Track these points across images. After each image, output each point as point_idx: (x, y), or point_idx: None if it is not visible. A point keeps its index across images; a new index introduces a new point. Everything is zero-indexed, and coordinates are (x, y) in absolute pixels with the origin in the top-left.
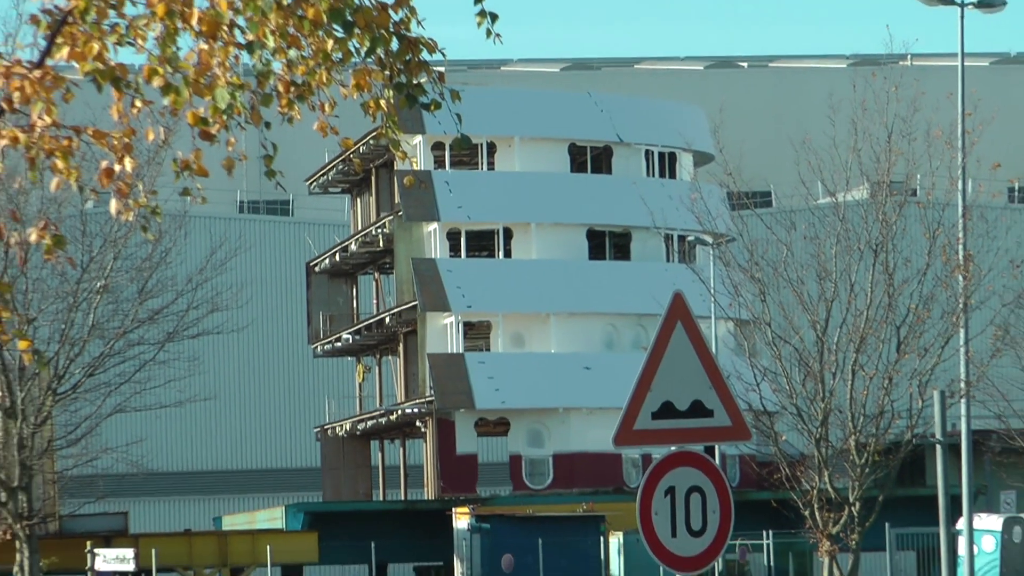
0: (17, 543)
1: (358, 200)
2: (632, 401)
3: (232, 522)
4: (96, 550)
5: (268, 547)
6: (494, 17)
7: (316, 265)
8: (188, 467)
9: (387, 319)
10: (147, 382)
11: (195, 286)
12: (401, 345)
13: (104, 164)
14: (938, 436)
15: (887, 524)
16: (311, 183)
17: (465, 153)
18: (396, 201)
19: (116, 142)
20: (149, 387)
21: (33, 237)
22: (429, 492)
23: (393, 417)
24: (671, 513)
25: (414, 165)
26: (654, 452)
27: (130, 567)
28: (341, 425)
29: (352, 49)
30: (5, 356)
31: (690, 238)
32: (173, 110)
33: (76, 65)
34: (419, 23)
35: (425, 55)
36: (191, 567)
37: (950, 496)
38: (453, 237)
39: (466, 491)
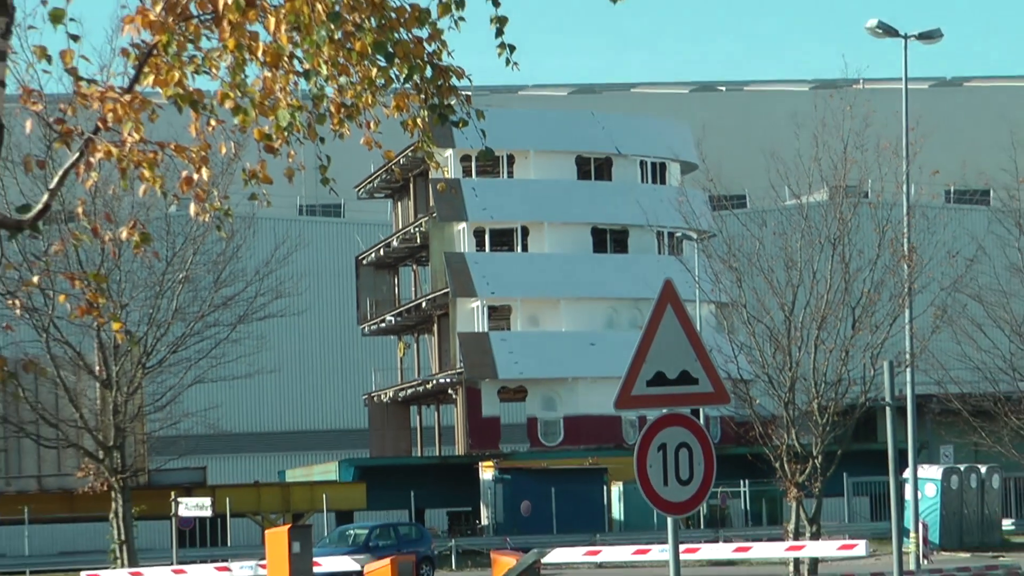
0: (113, 493)
1: (399, 204)
2: (630, 371)
3: (293, 475)
4: (179, 499)
5: (324, 495)
6: (512, 48)
7: (363, 259)
8: (256, 428)
9: (423, 304)
10: (222, 357)
11: (262, 277)
12: (435, 325)
13: (184, 174)
14: (887, 400)
15: (845, 474)
16: (359, 189)
17: (488, 164)
18: (431, 204)
19: (194, 155)
20: (223, 361)
21: (124, 235)
22: (459, 449)
23: (429, 386)
24: (663, 465)
25: (445, 174)
26: (649, 414)
27: (208, 513)
28: (385, 393)
29: (393, 76)
30: (102, 336)
31: (678, 234)
32: (242, 128)
33: (160, 90)
34: (449, 54)
35: (454, 81)
36: (259, 512)
37: (898, 450)
38: (479, 234)
39: (490, 448)
